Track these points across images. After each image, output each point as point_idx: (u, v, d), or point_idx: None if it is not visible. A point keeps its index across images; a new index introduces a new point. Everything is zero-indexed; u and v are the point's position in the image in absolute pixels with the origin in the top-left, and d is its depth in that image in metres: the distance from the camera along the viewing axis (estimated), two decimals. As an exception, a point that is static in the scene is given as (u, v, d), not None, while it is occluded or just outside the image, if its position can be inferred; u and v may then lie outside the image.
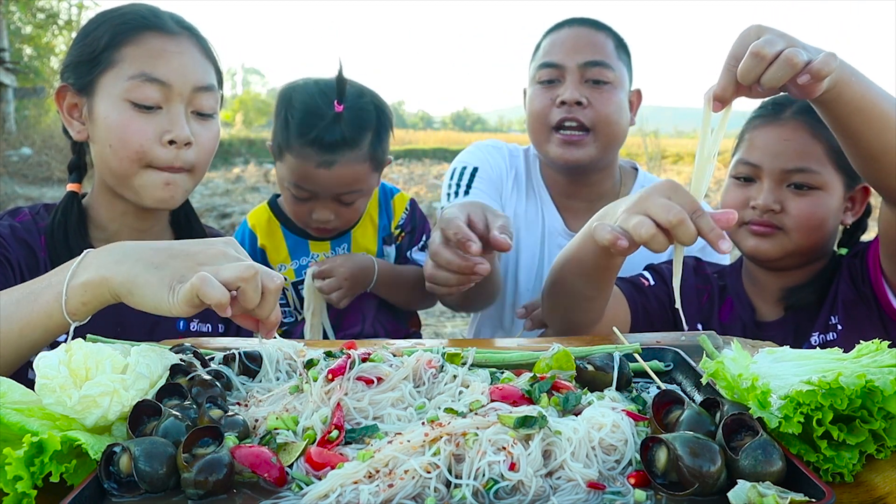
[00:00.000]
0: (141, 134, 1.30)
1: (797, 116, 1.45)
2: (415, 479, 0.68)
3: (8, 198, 10.01)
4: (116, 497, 0.69)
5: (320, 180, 1.68)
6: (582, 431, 0.75)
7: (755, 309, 1.57)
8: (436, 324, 4.99)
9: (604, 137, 1.80)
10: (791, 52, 1.00)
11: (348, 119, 1.66)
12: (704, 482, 0.66)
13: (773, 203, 1.43)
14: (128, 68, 1.31)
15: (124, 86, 1.30)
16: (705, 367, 0.86)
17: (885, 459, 0.74)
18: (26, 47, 19.78)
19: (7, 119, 14.61)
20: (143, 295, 0.94)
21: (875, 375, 0.73)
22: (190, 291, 0.89)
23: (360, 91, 1.73)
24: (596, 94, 1.78)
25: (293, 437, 0.79)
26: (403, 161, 18.32)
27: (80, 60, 1.35)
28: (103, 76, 1.33)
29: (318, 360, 0.93)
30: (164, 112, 1.32)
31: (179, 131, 1.32)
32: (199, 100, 1.36)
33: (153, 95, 1.31)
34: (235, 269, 0.92)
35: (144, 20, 1.35)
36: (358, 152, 1.67)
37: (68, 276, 0.98)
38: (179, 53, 1.35)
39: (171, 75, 1.32)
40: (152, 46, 1.33)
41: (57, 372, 0.79)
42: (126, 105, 1.31)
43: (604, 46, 1.81)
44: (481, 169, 1.92)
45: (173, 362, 0.93)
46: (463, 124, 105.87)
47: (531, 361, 1.01)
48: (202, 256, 0.97)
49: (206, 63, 1.40)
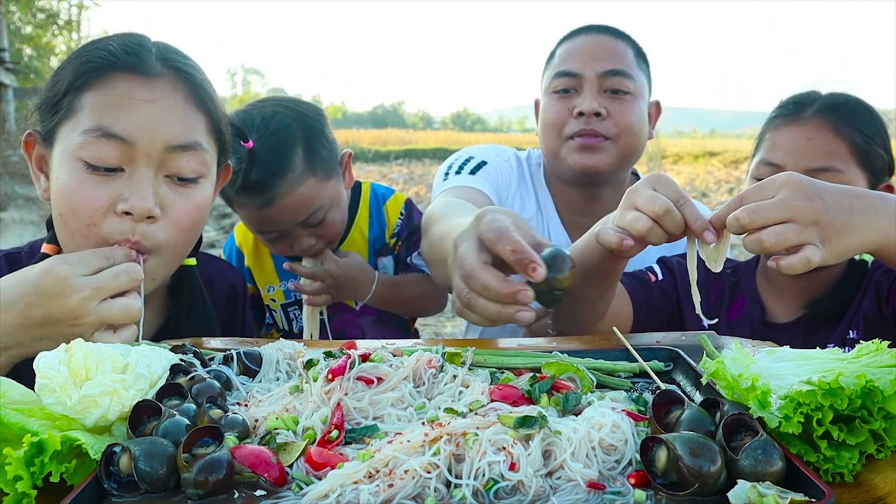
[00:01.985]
0: (91, 202, 1.07)
1: (819, 115, 1.43)
2: (415, 479, 0.68)
3: (8, 198, 10.01)
4: (116, 497, 0.69)
5: (273, 219, 1.59)
6: (582, 431, 0.75)
7: (766, 309, 1.55)
8: (436, 324, 4.98)
9: (623, 148, 1.71)
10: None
11: (264, 151, 1.53)
12: (704, 482, 0.66)
13: None
14: (85, 119, 1.08)
15: (78, 141, 1.07)
16: (705, 367, 0.86)
17: (885, 459, 0.74)
18: (26, 47, 19.78)
19: (7, 119, 14.61)
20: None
21: (875, 375, 0.73)
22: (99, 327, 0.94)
23: (273, 110, 1.59)
24: (616, 104, 1.69)
25: (293, 437, 0.79)
26: (403, 161, 18.32)
27: (44, 105, 1.14)
28: (62, 126, 1.10)
29: (317, 360, 0.93)
30: (126, 176, 1.09)
31: (138, 201, 1.07)
32: (176, 161, 1.11)
33: (111, 154, 1.07)
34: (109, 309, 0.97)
35: (113, 58, 1.10)
36: (293, 175, 1.55)
37: None
38: (151, 102, 1.09)
39: (134, 130, 1.07)
40: (117, 93, 1.08)
41: (57, 372, 0.79)
42: (79, 165, 1.07)
43: (624, 55, 1.72)
44: (490, 165, 1.82)
45: (173, 362, 0.93)
46: (463, 124, 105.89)
47: (531, 364, 1.01)
48: (66, 314, 0.97)
49: (191, 113, 1.14)
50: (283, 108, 1.61)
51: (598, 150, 1.69)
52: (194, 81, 1.16)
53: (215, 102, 1.20)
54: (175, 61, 1.16)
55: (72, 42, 21.32)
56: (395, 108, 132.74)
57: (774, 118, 1.50)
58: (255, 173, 1.53)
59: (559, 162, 1.75)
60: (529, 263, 0.88)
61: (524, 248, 0.89)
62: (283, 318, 1.83)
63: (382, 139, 29.54)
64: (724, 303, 1.58)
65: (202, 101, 1.16)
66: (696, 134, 54.79)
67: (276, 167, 1.54)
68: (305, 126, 1.60)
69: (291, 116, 1.59)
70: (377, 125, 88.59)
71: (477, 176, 1.77)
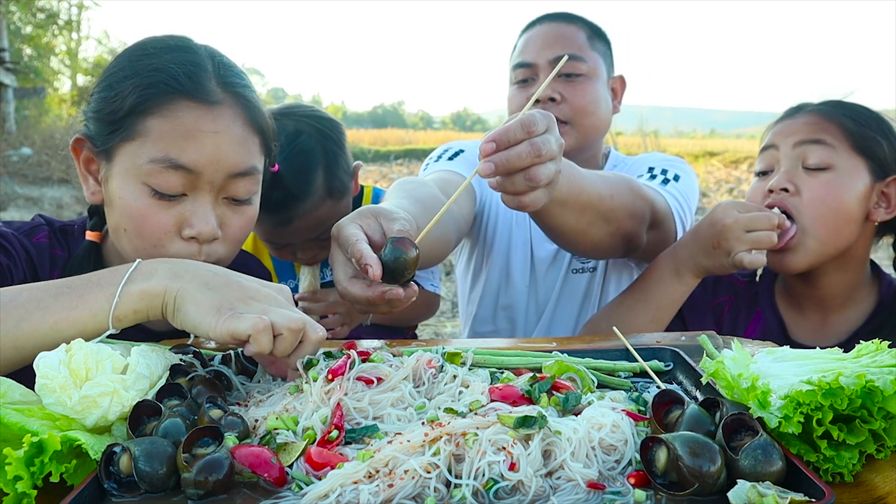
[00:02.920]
0: (158, 227, 1.13)
1: (811, 110, 1.48)
2: (415, 479, 0.68)
3: (8, 198, 10.02)
4: (116, 497, 0.69)
5: (286, 235, 1.62)
6: (582, 431, 0.75)
7: (786, 325, 1.53)
8: (436, 324, 4.99)
9: (582, 129, 1.79)
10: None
11: (289, 174, 1.55)
12: (704, 482, 0.66)
13: (787, 182, 1.42)
14: (151, 147, 1.11)
15: (145, 168, 1.11)
16: (705, 367, 0.86)
17: (885, 459, 0.74)
18: (26, 47, 19.78)
19: (7, 119, 14.60)
20: (188, 312, 0.93)
21: (875, 375, 0.73)
22: (244, 330, 0.87)
23: (296, 128, 1.60)
24: (570, 87, 1.77)
25: (293, 437, 0.79)
26: (403, 161, 18.32)
27: (101, 118, 1.16)
28: (123, 147, 1.13)
29: (317, 360, 0.93)
30: (189, 201, 1.14)
31: (203, 227, 1.13)
32: (235, 186, 1.17)
33: (177, 183, 1.11)
34: (286, 318, 0.90)
35: (178, 84, 1.12)
36: (312, 198, 1.58)
37: (123, 280, 0.95)
38: (216, 134, 1.13)
39: (200, 162, 1.12)
40: (183, 122, 1.11)
41: (57, 372, 0.79)
42: (144, 190, 1.12)
43: (574, 38, 1.80)
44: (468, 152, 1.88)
45: (173, 362, 0.93)
46: (463, 124, 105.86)
47: (531, 364, 1.01)
48: (254, 293, 0.95)
49: (249, 138, 1.18)
50: (306, 125, 1.62)
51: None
52: (251, 106, 1.20)
53: (266, 120, 1.24)
54: (234, 85, 1.19)
55: (71, 42, 21.33)
56: (395, 108, 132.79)
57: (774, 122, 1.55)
58: (276, 195, 1.55)
59: None
60: (365, 267, 0.95)
61: (362, 255, 0.96)
62: None
63: (382, 139, 29.53)
64: (739, 319, 1.57)
65: (258, 123, 1.21)
66: (696, 134, 54.83)
67: (297, 191, 1.56)
68: (327, 149, 1.62)
69: (315, 137, 1.61)
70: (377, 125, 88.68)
71: (454, 161, 1.84)
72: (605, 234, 1.41)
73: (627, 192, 1.43)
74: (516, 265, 1.91)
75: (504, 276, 1.92)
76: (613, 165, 1.92)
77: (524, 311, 1.90)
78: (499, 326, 1.94)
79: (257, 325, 0.87)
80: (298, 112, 1.66)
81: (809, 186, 1.41)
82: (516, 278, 1.91)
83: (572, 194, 1.26)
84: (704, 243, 1.39)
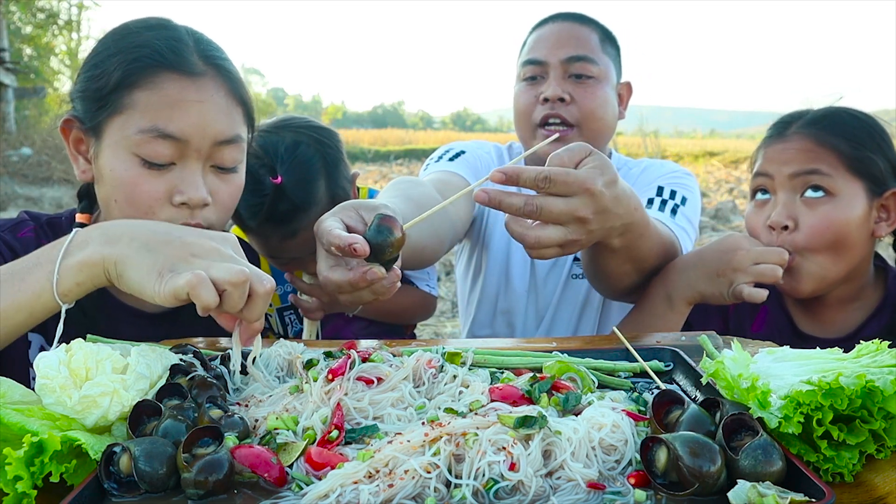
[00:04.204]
0: (150, 195, 1.16)
1: (800, 130, 1.44)
2: (415, 479, 0.68)
3: (8, 198, 10.02)
4: (116, 497, 0.69)
5: (291, 249, 1.60)
6: (582, 431, 0.75)
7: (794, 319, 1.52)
8: (436, 324, 4.99)
9: (589, 132, 1.77)
10: None
11: (292, 185, 1.53)
12: (704, 482, 0.66)
13: (786, 219, 1.40)
14: (139, 118, 1.15)
15: (134, 138, 1.14)
16: (705, 367, 0.86)
17: (885, 459, 0.74)
18: (26, 47, 19.78)
19: (7, 119, 14.60)
20: (130, 278, 0.91)
21: (875, 375, 0.73)
22: (182, 288, 0.86)
23: (294, 139, 1.59)
24: (580, 89, 1.76)
25: (293, 437, 0.79)
26: (403, 161, 18.33)
27: (88, 96, 1.19)
28: (111, 121, 1.17)
29: (317, 360, 0.93)
30: (178, 169, 1.17)
31: (193, 192, 1.17)
32: (221, 154, 1.20)
33: (166, 152, 1.15)
34: (227, 272, 0.88)
35: (161, 58, 1.16)
36: (316, 208, 1.55)
37: (60, 254, 0.94)
38: (200, 102, 1.17)
39: (188, 130, 1.15)
40: (168, 93, 1.15)
41: (57, 372, 0.79)
42: (134, 160, 1.15)
43: (587, 40, 1.79)
44: (469, 153, 1.88)
45: (173, 362, 0.93)
46: (463, 124, 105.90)
47: (531, 364, 1.01)
48: (197, 248, 0.94)
49: (232, 109, 1.22)
50: (304, 136, 1.61)
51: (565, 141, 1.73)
52: (232, 77, 1.24)
53: (247, 91, 1.28)
54: (214, 58, 1.23)
55: (72, 42, 21.32)
56: (395, 108, 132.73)
57: (765, 138, 1.52)
58: (281, 207, 1.54)
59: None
60: (350, 247, 0.95)
61: (341, 239, 0.96)
62: (279, 321, 1.82)
63: (382, 139, 29.54)
64: (745, 315, 1.55)
65: (239, 94, 1.25)
66: (696, 134, 54.81)
67: (301, 201, 1.55)
68: (327, 158, 1.61)
69: (314, 147, 1.60)
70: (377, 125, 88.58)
71: (455, 162, 1.83)
72: (630, 284, 1.41)
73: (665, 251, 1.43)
74: (516, 269, 1.90)
75: (503, 279, 1.91)
76: (616, 168, 1.92)
77: (523, 316, 1.89)
78: (497, 331, 1.93)
79: (192, 281, 0.86)
80: (294, 123, 1.65)
81: (809, 219, 1.39)
82: (516, 282, 1.90)
83: (625, 248, 1.25)
84: (709, 269, 1.38)
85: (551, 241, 1.07)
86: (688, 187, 1.75)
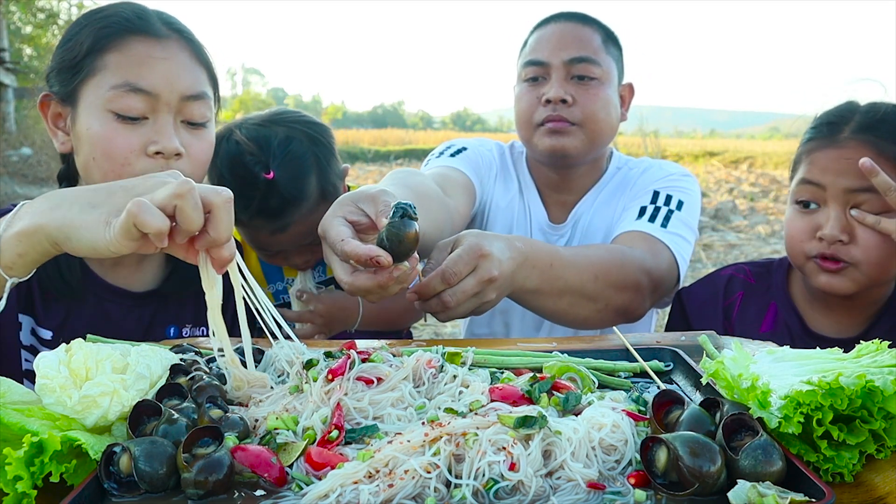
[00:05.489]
0: (125, 146, 1.23)
1: (857, 135, 1.36)
2: (415, 479, 0.68)
3: (8, 198, 10.01)
4: (116, 497, 0.69)
5: (281, 242, 1.61)
6: (582, 431, 0.75)
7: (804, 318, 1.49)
8: (436, 323, 4.99)
9: (590, 133, 1.76)
10: None
11: (284, 179, 1.55)
12: (704, 482, 0.66)
13: (841, 233, 1.34)
14: (111, 77, 1.24)
15: (107, 95, 1.23)
16: (705, 367, 0.86)
17: (885, 459, 0.74)
18: (26, 47, 19.77)
19: (7, 119, 14.60)
20: (80, 238, 0.87)
21: (875, 375, 0.73)
22: (126, 221, 0.81)
23: (286, 134, 1.60)
24: (582, 90, 1.74)
25: (293, 437, 0.79)
26: (403, 161, 18.33)
27: (62, 67, 1.28)
28: (85, 85, 1.26)
29: (317, 360, 0.93)
30: (151, 122, 1.25)
31: (167, 142, 1.24)
32: (190, 108, 1.29)
33: (138, 106, 1.23)
34: (168, 188, 0.84)
35: (129, 23, 1.27)
36: (308, 203, 1.57)
37: (1, 228, 0.92)
38: (166, 59, 1.27)
39: (157, 84, 1.25)
40: (137, 53, 1.25)
41: (57, 372, 0.79)
42: (109, 116, 1.24)
43: (590, 41, 1.77)
44: (470, 150, 1.87)
45: (173, 362, 0.93)
46: (463, 124, 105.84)
47: (531, 364, 1.01)
48: (141, 188, 0.89)
49: (196, 68, 1.32)
50: (297, 131, 1.61)
51: (567, 134, 1.75)
52: (194, 42, 1.34)
53: (210, 58, 1.38)
54: (175, 24, 1.33)
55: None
56: (395, 108, 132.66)
57: (809, 140, 1.43)
58: (273, 201, 1.54)
59: (532, 147, 1.83)
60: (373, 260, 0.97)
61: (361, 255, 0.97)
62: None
63: (382, 139, 29.55)
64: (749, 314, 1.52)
65: (202, 57, 1.34)
66: (696, 134, 54.80)
67: (292, 196, 1.55)
68: (319, 153, 1.61)
69: (306, 143, 1.60)
70: (377, 125, 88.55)
71: (456, 158, 1.82)
72: (592, 312, 1.40)
73: (617, 270, 1.41)
74: None
75: None
76: (617, 168, 1.91)
77: (520, 316, 1.89)
78: (494, 330, 1.93)
79: (132, 210, 0.81)
80: (287, 118, 1.65)
81: (866, 233, 1.34)
82: None
83: (546, 282, 1.30)
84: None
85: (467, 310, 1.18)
86: (685, 190, 1.74)
